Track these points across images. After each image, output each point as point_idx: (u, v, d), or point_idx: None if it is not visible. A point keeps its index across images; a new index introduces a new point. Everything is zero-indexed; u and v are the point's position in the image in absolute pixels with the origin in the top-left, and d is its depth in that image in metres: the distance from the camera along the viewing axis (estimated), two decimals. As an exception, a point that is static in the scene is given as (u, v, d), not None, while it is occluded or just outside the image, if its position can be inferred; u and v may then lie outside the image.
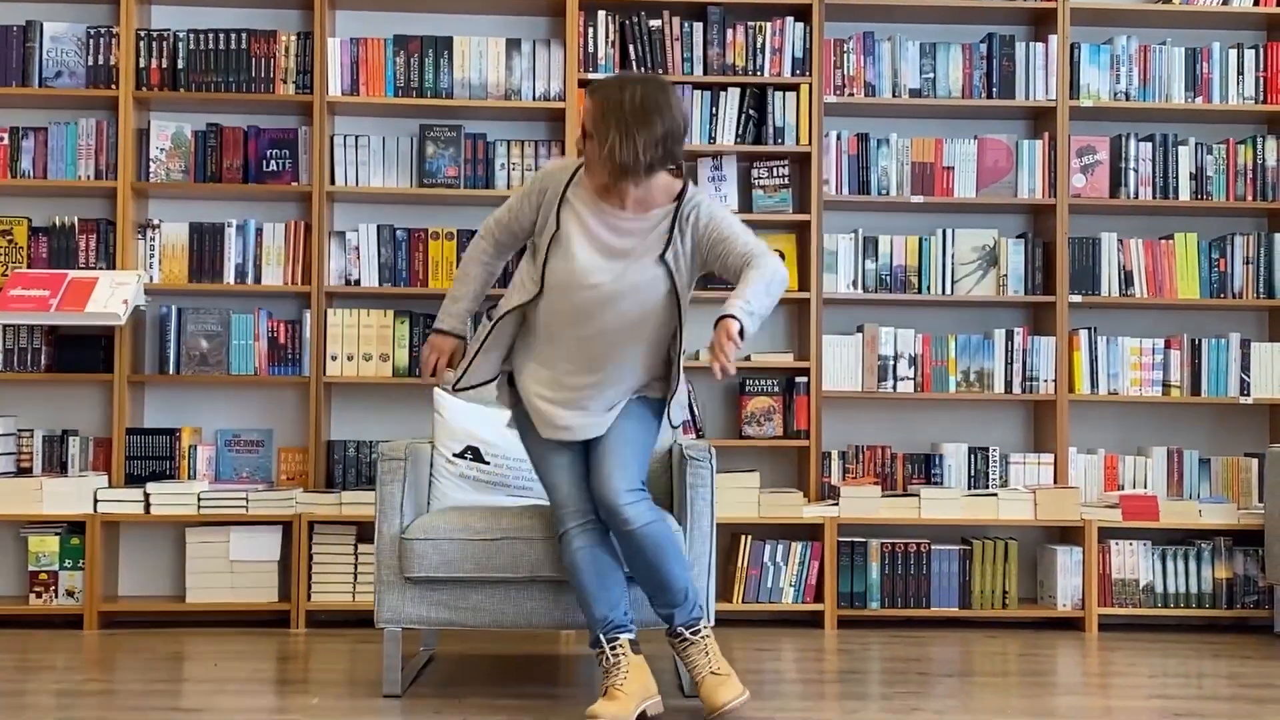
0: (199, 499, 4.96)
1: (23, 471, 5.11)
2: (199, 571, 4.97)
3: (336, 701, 3.79)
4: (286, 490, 5.04)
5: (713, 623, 3.83)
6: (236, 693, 3.93)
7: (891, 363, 5.24)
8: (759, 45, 5.24)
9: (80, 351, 5.08)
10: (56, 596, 4.94)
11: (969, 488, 5.26)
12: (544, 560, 3.79)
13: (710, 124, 5.24)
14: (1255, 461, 5.31)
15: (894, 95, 5.29)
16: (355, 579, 4.98)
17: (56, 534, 4.94)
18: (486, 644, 4.64)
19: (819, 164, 5.20)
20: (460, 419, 4.23)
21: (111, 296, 4.91)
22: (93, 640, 4.74)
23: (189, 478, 5.11)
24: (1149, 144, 5.34)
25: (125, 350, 5.04)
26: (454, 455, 4.20)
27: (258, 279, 5.17)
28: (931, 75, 5.29)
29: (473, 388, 3.73)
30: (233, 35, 5.15)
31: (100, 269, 5.10)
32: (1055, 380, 5.26)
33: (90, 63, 5.15)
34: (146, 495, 4.94)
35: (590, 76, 5.17)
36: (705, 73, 5.24)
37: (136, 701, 3.80)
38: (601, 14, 5.21)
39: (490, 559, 3.79)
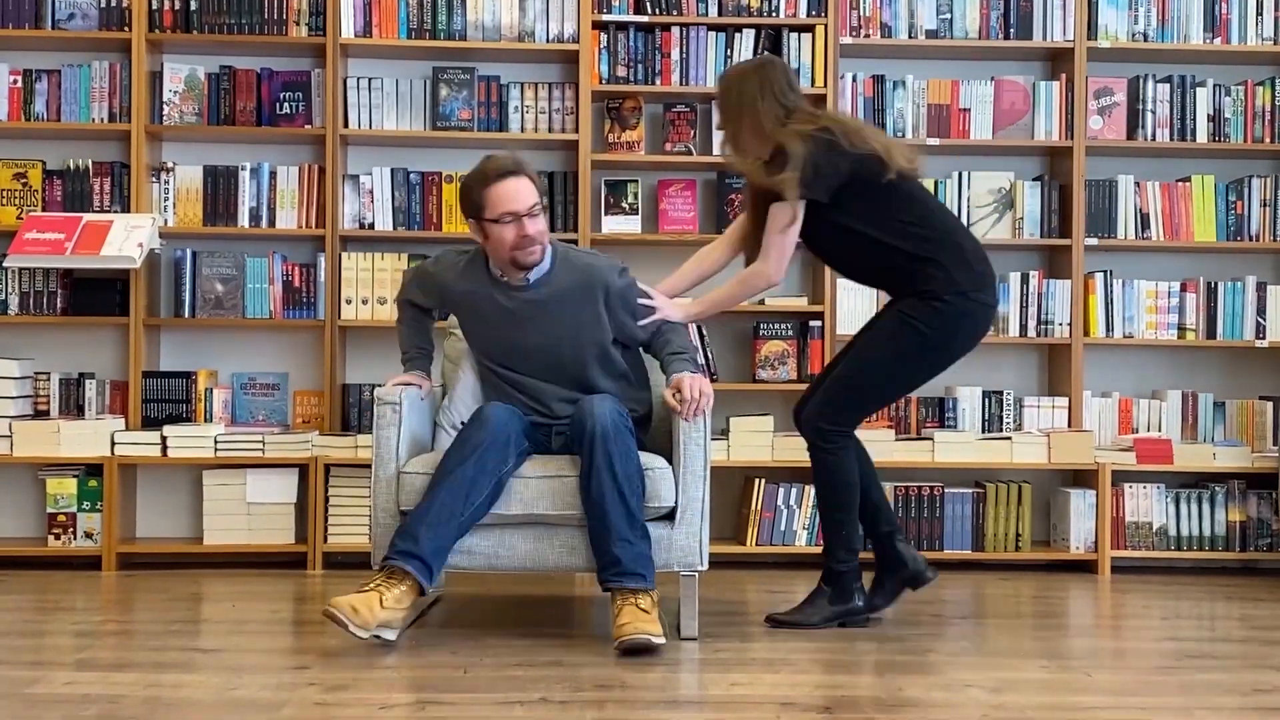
0: (215, 441, 4.99)
1: (40, 414, 5.14)
2: (216, 513, 5.01)
3: (349, 641, 3.82)
4: (302, 433, 5.06)
5: (705, 567, 3.85)
6: (253, 633, 3.97)
7: (906, 306, 5.22)
8: (774, -14, 5.20)
9: (96, 295, 5.09)
10: (75, 538, 4.98)
11: (983, 431, 5.26)
12: (537, 498, 3.78)
13: (724, 66, 5.20)
14: (1270, 405, 5.30)
15: (910, 36, 5.25)
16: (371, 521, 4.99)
17: (74, 476, 4.97)
18: (497, 585, 4.66)
19: (834, 106, 5.17)
20: (467, 364, 4.22)
21: (126, 240, 4.91)
22: (111, 581, 4.78)
23: (205, 421, 5.13)
24: (1167, 85, 5.29)
25: (141, 294, 5.05)
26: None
27: (272, 222, 5.17)
28: (948, 16, 5.25)
29: None
30: (245, -23, 5.13)
31: (115, 212, 5.11)
32: (1070, 323, 5.25)
33: (103, 4, 5.12)
34: (163, 438, 4.96)
35: (604, 18, 5.14)
36: (720, 14, 5.20)
37: (155, 642, 3.84)
38: (615, -46, 5.18)
39: None
